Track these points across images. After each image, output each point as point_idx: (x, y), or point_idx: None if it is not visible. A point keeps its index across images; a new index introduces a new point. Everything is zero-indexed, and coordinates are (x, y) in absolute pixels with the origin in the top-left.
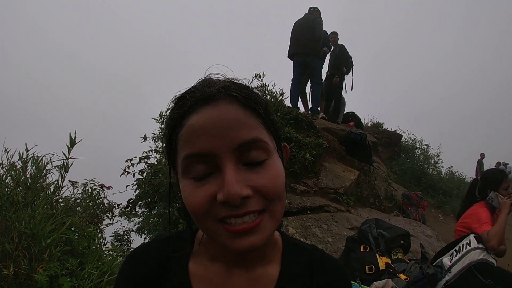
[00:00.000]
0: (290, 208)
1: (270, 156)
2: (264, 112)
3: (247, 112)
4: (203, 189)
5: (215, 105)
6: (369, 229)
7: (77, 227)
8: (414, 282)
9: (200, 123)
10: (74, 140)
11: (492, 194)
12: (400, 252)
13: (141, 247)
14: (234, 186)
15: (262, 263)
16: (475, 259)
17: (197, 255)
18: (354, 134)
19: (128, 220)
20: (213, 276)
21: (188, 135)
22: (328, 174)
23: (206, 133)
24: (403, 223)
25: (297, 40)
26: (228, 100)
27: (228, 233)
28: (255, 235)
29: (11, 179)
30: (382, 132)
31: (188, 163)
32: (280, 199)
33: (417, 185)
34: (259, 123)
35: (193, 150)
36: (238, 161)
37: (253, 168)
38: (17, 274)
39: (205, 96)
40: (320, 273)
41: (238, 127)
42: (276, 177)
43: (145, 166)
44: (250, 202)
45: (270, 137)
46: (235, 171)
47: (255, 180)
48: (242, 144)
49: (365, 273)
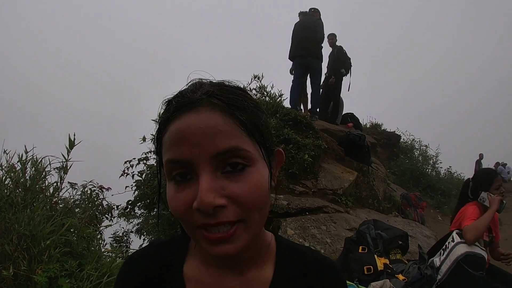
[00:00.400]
0: (288, 209)
1: (252, 164)
2: (248, 119)
3: (228, 119)
4: (182, 194)
5: (196, 111)
6: (367, 230)
7: (76, 229)
8: (412, 282)
9: (180, 130)
10: (73, 141)
11: (483, 194)
12: (399, 252)
13: (138, 253)
14: (207, 195)
15: (256, 266)
16: (460, 253)
17: (191, 259)
18: (352, 135)
19: (127, 221)
20: (208, 280)
21: (170, 140)
22: (326, 175)
23: (186, 141)
24: (402, 224)
25: (298, 42)
26: (210, 107)
27: (206, 239)
28: (230, 244)
29: (10, 180)
30: (381, 133)
31: (169, 168)
32: (259, 209)
33: (416, 186)
34: (241, 130)
35: (173, 156)
36: (216, 169)
37: (232, 176)
38: (16, 275)
39: (188, 102)
40: (315, 274)
41: (216, 135)
42: (256, 187)
43: (144, 167)
44: (224, 212)
45: (254, 145)
46: (210, 180)
47: (231, 189)
48: (219, 152)
49: (364, 273)
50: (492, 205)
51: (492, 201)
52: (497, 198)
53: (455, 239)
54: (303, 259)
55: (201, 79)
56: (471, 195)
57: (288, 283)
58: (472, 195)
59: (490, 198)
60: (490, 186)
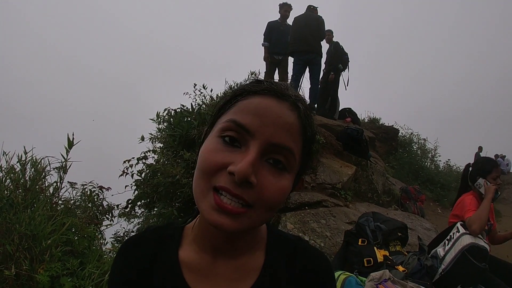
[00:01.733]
0: (288, 204)
1: (289, 171)
2: (310, 137)
3: (299, 128)
4: (224, 153)
5: (280, 102)
6: (366, 222)
7: (77, 228)
8: (412, 273)
9: (262, 106)
10: (72, 141)
11: (481, 180)
12: (398, 244)
13: (132, 238)
14: (249, 167)
15: (248, 253)
16: (466, 243)
17: (186, 244)
18: (350, 130)
19: (128, 221)
20: (201, 264)
21: (246, 108)
22: (325, 169)
23: (261, 116)
24: (402, 217)
25: (300, 37)
26: (293, 107)
27: (213, 203)
28: (230, 219)
29: (10, 181)
30: (379, 127)
31: (228, 126)
32: (270, 209)
33: (415, 179)
34: (301, 142)
35: (241, 120)
36: (264, 154)
37: (271, 169)
38: (18, 275)
39: (279, 91)
40: (302, 260)
41: (285, 130)
42: (282, 189)
43: (143, 166)
44: (248, 190)
45: (300, 159)
46: (257, 157)
47: (264, 178)
48: (278, 144)
49: (364, 266)
50: (488, 194)
51: (488, 189)
52: (493, 187)
53: (460, 230)
54: (292, 248)
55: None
56: (470, 180)
57: (278, 269)
58: (470, 180)
59: (486, 186)
60: (488, 174)
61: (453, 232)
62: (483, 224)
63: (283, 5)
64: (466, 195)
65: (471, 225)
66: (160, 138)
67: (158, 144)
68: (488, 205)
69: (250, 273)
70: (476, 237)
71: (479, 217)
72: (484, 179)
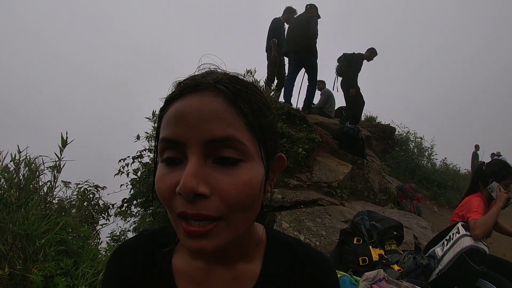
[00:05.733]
0: (283, 203)
1: (246, 160)
2: (251, 113)
3: (230, 108)
4: (170, 176)
5: (200, 94)
6: (361, 221)
7: (71, 227)
8: (407, 272)
9: (180, 109)
10: (65, 140)
11: (494, 184)
12: (394, 243)
13: (126, 243)
14: (191, 179)
15: (245, 260)
16: (465, 245)
17: (180, 250)
18: (346, 128)
19: (124, 220)
20: (196, 272)
21: (168, 119)
22: (321, 168)
23: (182, 121)
24: (398, 215)
25: (292, 37)
26: (215, 92)
27: (184, 231)
28: (206, 240)
29: (4, 181)
30: (376, 126)
31: (162, 147)
32: (244, 209)
33: (411, 178)
34: (241, 122)
35: (167, 135)
36: (207, 156)
37: (223, 168)
38: (12, 274)
39: (194, 84)
40: (304, 268)
41: (213, 121)
42: (244, 183)
43: (139, 165)
44: (205, 203)
45: (252, 141)
46: (197, 165)
47: (217, 181)
48: (213, 139)
49: (359, 264)
50: (498, 201)
51: (499, 196)
52: (505, 195)
53: (460, 231)
54: (292, 253)
55: (216, 68)
56: (481, 181)
57: (276, 277)
58: (481, 181)
59: (499, 193)
60: (503, 180)
61: (453, 233)
62: (487, 231)
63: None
64: (473, 197)
65: (475, 228)
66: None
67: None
68: (497, 212)
69: (247, 282)
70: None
71: (485, 223)
72: (498, 184)
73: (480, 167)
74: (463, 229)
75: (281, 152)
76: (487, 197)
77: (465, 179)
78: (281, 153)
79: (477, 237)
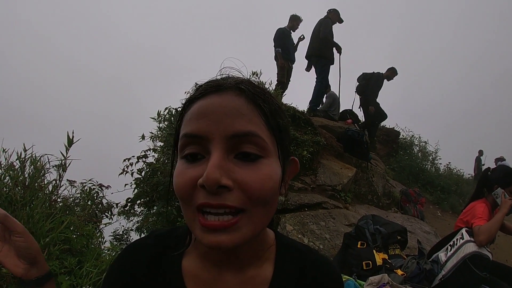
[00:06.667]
0: (287, 205)
1: (266, 156)
2: (270, 111)
3: (251, 107)
4: (190, 171)
5: (222, 94)
6: (366, 225)
7: (75, 226)
8: (411, 277)
9: (203, 106)
10: (72, 139)
11: (499, 190)
12: (397, 248)
13: (135, 243)
14: (215, 171)
15: (255, 264)
16: (469, 251)
17: (190, 253)
18: (351, 131)
19: (127, 219)
20: (206, 275)
21: (190, 116)
22: (325, 171)
23: (205, 117)
24: (401, 220)
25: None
26: (236, 92)
27: (201, 226)
28: (226, 235)
29: (9, 178)
30: (380, 129)
31: (184, 142)
32: (264, 204)
33: (415, 182)
34: (262, 120)
35: (190, 130)
36: (230, 151)
37: (244, 162)
38: None
39: (216, 84)
40: (313, 275)
41: (236, 117)
42: (266, 178)
43: (143, 165)
44: (229, 195)
45: (271, 138)
46: (220, 158)
47: (240, 174)
48: (236, 134)
49: (362, 269)
50: (503, 208)
51: (504, 203)
52: (509, 202)
53: (464, 237)
54: (303, 259)
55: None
56: (486, 187)
57: (287, 282)
58: (486, 187)
59: (504, 199)
60: (508, 186)
61: (457, 238)
62: (491, 238)
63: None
64: (478, 203)
65: (479, 235)
66: (161, 137)
67: (159, 142)
68: (501, 219)
69: (258, 286)
70: None
71: (489, 230)
72: (503, 190)
73: (485, 173)
74: (467, 235)
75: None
76: (491, 203)
77: (468, 184)
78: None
79: (481, 243)
